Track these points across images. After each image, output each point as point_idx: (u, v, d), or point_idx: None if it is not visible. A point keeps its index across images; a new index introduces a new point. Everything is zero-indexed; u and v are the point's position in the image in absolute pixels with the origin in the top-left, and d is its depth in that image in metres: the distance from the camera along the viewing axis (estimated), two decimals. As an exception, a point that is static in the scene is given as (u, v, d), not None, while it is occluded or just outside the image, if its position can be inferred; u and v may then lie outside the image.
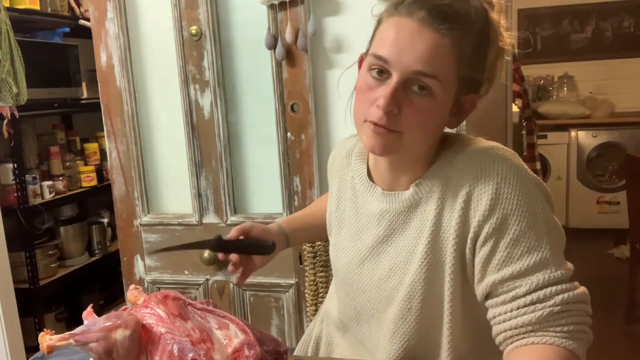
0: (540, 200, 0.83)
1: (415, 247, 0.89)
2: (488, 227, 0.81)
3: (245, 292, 1.86)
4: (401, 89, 0.80)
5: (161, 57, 1.84)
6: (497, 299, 0.82)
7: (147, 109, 1.90)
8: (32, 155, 2.64)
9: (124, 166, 1.92)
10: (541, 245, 0.80)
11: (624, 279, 3.00)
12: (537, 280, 0.79)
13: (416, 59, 0.78)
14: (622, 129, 4.21)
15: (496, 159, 0.84)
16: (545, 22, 4.72)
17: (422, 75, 0.79)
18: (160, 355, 0.73)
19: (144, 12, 1.84)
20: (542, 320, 0.78)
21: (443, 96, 0.81)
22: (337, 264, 1.03)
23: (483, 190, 0.82)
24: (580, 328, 0.80)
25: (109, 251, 3.02)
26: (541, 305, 0.78)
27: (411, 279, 0.88)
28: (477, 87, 0.86)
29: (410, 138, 0.83)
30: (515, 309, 0.80)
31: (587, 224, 4.27)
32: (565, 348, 0.77)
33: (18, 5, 2.48)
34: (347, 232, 1.00)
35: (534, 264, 0.79)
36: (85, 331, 0.75)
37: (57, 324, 2.71)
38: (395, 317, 0.90)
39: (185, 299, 0.80)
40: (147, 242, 1.94)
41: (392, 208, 0.92)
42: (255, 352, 0.73)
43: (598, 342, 2.81)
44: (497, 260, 0.81)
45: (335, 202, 1.05)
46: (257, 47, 1.73)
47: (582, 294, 0.81)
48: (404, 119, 0.81)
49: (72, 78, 2.83)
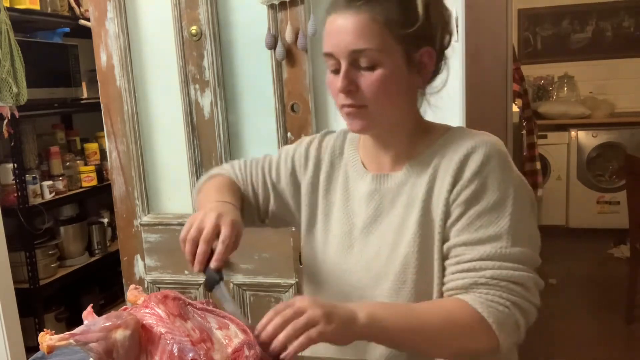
0: (515, 188, 0.89)
1: (405, 221, 0.93)
2: (464, 195, 0.88)
3: (245, 292, 1.87)
4: (352, 70, 0.89)
5: (161, 57, 1.84)
6: (448, 261, 0.89)
7: (147, 109, 1.90)
8: (32, 155, 2.63)
9: (124, 166, 1.92)
10: (500, 223, 0.86)
11: (624, 279, 3.00)
12: (482, 252, 0.85)
13: (349, 42, 0.87)
14: (622, 129, 4.21)
15: (488, 144, 0.91)
16: (545, 22, 4.72)
17: (359, 52, 0.87)
18: (160, 355, 0.73)
19: (144, 12, 1.84)
20: (467, 287, 0.85)
21: (390, 62, 0.88)
22: (327, 251, 1.03)
23: (470, 163, 0.89)
24: (500, 302, 0.83)
25: (109, 251, 3.01)
26: (472, 274, 0.85)
27: (404, 253, 0.92)
28: (426, 40, 0.90)
29: (377, 108, 0.90)
30: (454, 272, 0.88)
31: (587, 224, 4.27)
32: (474, 308, 0.83)
33: (18, 5, 2.48)
34: (336, 218, 1.02)
35: (487, 237, 0.86)
36: (85, 331, 0.75)
37: (57, 324, 2.71)
38: (390, 292, 0.93)
39: (185, 299, 0.80)
40: (147, 242, 1.94)
41: (381, 188, 0.97)
42: (255, 352, 0.73)
43: (598, 342, 2.81)
44: (459, 225, 0.88)
45: (324, 191, 1.05)
46: (257, 47, 1.73)
47: (521, 277, 0.84)
48: (364, 92, 0.89)
49: (72, 78, 2.82)
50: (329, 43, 0.90)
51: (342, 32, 0.88)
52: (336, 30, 0.89)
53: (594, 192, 4.28)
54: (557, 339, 2.76)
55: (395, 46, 0.88)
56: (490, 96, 1.76)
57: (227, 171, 1.15)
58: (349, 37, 0.87)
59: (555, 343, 2.72)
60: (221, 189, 1.06)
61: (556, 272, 3.62)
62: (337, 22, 0.89)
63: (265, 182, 1.11)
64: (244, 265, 1.85)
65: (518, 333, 0.85)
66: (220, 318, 0.78)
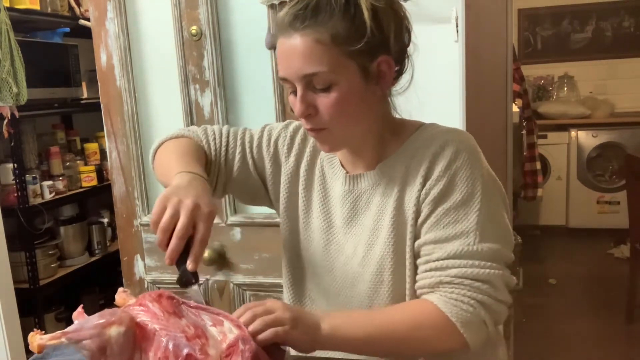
0: (484, 183, 0.89)
1: (379, 222, 0.93)
2: (432, 194, 0.88)
3: (245, 292, 1.87)
4: (308, 94, 0.86)
5: (161, 57, 1.84)
6: (419, 260, 0.90)
7: (147, 109, 1.90)
8: (32, 155, 2.63)
9: (124, 166, 1.92)
10: (468, 219, 0.86)
11: (624, 279, 3.01)
12: (450, 249, 0.85)
13: (299, 66, 0.84)
14: (622, 129, 4.21)
15: (456, 141, 0.90)
16: (545, 22, 4.72)
17: (310, 76, 0.84)
18: (155, 351, 0.73)
19: (144, 12, 1.84)
20: (433, 286, 0.86)
21: (345, 79, 0.85)
22: (308, 246, 1.03)
23: (439, 161, 0.89)
24: (464, 300, 0.83)
25: (109, 251, 3.01)
26: (438, 273, 0.86)
27: (380, 253, 0.92)
28: (380, 48, 0.86)
29: (339, 129, 0.89)
30: (423, 271, 0.88)
31: (587, 224, 4.27)
32: (438, 308, 0.83)
33: (18, 5, 2.48)
34: (315, 215, 1.02)
35: (454, 234, 0.86)
36: (79, 329, 0.74)
37: (57, 324, 2.71)
38: (369, 292, 0.94)
39: (179, 298, 0.80)
40: (147, 242, 1.94)
41: (355, 189, 0.97)
42: (251, 346, 0.74)
43: (598, 342, 2.81)
44: (428, 223, 0.89)
45: (303, 186, 1.04)
46: (257, 47, 1.73)
47: (488, 274, 0.84)
48: (322, 116, 0.87)
49: (72, 78, 2.82)
50: (281, 67, 0.88)
51: (291, 56, 0.85)
52: (285, 54, 0.86)
53: (594, 192, 4.28)
54: (557, 339, 2.76)
55: (347, 62, 0.84)
56: (490, 96, 1.76)
57: (193, 133, 1.09)
58: (298, 61, 0.84)
59: (555, 343, 2.72)
60: (187, 155, 0.99)
61: (556, 272, 3.62)
62: (285, 45, 0.86)
63: (244, 157, 1.06)
64: (244, 265, 1.85)
65: (486, 331, 0.85)
66: (215, 315, 0.79)
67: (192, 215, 0.82)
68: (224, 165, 1.07)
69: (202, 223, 0.82)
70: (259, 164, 1.07)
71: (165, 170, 0.99)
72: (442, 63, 1.53)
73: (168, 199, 0.84)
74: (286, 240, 1.08)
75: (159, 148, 1.09)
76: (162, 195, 0.85)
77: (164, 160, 1.03)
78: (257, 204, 1.13)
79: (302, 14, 0.84)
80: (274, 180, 1.07)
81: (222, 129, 1.10)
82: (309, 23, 0.83)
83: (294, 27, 0.84)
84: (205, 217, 0.83)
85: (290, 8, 0.86)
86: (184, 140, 1.06)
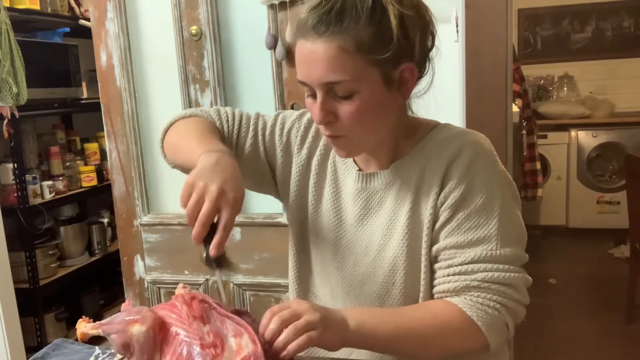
0: (501, 187, 0.89)
1: (393, 223, 0.92)
2: (451, 199, 0.88)
3: (245, 292, 1.87)
4: (328, 100, 0.84)
5: (161, 57, 1.85)
6: (438, 264, 0.89)
7: (147, 109, 1.90)
8: (32, 155, 2.63)
9: (124, 166, 1.92)
10: (489, 224, 0.86)
11: (624, 279, 3.00)
12: (473, 254, 0.85)
13: (321, 73, 0.82)
14: (622, 129, 4.21)
15: (473, 144, 0.90)
16: (545, 22, 4.72)
17: (332, 84, 0.82)
18: (171, 355, 0.74)
19: (144, 12, 1.84)
20: (459, 290, 0.86)
21: (367, 87, 0.83)
22: (317, 242, 1.02)
23: (457, 166, 0.88)
24: (490, 305, 0.84)
25: (109, 251, 3.01)
26: (463, 277, 0.85)
27: (393, 254, 0.91)
28: (405, 56, 0.84)
29: (358, 136, 0.88)
30: (445, 275, 0.87)
31: (587, 224, 4.27)
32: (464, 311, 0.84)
33: (18, 5, 2.48)
34: (325, 210, 1.01)
35: (476, 239, 0.86)
36: (110, 322, 0.77)
37: (57, 324, 2.71)
38: (379, 292, 0.93)
39: (211, 302, 0.79)
40: (147, 242, 1.95)
41: (368, 187, 0.95)
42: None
43: (598, 342, 2.80)
44: (448, 228, 0.88)
45: (315, 177, 1.02)
46: (257, 47, 1.73)
47: (512, 278, 0.85)
48: (342, 123, 0.85)
49: (72, 78, 2.83)
50: (301, 71, 0.85)
51: (313, 62, 0.82)
52: (306, 59, 0.83)
53: (594, 192, 4.28)
54: (557, 339, 2.76)
55: (371, 70, 0.82)
56: (490, 96, 1.77)
57: (206, 113, 1.06)
58: (320, 68, 0.82)
59: (555, 343, 2.72)
60: (208, 132, 0.97)
61: (556, 272, 3.62)
62: (306, 49, 0.83)
63: (256, 142, 1.04)
64: (244, 265, 1.85)
65: (507, 332, 0.87)
66: (237, 326, 0.77)
67: (216, 202, 0.80)
68: (234, 148, 1.05)
69: (227, 209, 0.81)
70: (270, 151, 1.05)
71: (183, 149, 0.97)
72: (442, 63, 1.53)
73: (194, 184, 0.82)
74: (293, 235, 1.07)
75: (170, 127, 1.05)
76: (188, 178, 0.84)
77: (181, 140, 0.99)
78: (262, 191, 1.10)
79: (326, 18, 0.81)
80: (284, 170, 1.05)
81: (235, 111, 1.08)
82: (333, 30, 0.80)
83: (318, 31, 0.81)
84: (230, 203, 0.81)
85: (312, 10, 0.83)
86: (198, 119, 1.03)
